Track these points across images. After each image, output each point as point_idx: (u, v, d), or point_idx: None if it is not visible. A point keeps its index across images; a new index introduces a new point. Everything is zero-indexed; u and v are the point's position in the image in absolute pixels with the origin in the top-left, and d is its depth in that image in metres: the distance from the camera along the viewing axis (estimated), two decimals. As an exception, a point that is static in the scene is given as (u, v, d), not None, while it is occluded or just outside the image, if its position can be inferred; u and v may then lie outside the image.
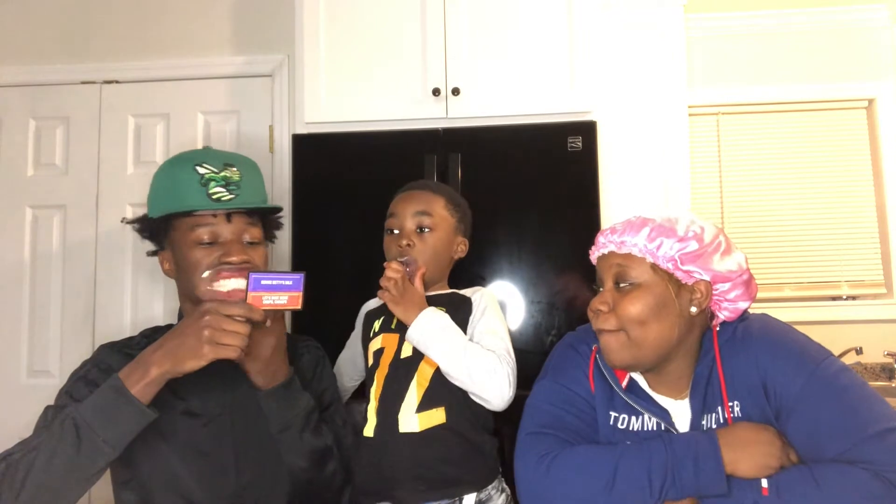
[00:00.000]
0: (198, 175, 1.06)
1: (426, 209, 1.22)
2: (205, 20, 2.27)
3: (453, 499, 1.11)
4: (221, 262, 1.05)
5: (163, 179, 1.10)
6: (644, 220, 0.99)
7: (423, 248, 1.21)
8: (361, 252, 1.70)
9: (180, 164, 1.09)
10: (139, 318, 2.15)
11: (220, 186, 1.06)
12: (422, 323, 1.12)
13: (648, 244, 0.97)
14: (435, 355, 1.11)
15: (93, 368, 1.05)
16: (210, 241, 1.05)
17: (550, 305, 1.66)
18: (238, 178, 1.09)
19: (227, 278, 1.04)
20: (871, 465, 0.84)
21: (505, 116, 1.76)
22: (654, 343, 0.96)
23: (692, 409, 0.98)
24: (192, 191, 1.05)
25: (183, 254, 1.06)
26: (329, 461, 1.10)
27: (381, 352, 1.20)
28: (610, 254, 1.01)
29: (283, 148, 2.16)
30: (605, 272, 1.01)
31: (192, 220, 1.05)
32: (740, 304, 1.00)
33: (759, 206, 2.35)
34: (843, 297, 2.32)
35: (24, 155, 2.23)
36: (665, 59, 1.88)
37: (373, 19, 1.82)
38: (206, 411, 1.06)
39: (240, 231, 1.08)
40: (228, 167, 1.09)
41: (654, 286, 0.96)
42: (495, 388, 1.10)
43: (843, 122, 2.37)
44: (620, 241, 0.99)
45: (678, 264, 0.96)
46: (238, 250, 1.06)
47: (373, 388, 1.18)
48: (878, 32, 2.33)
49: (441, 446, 1.11)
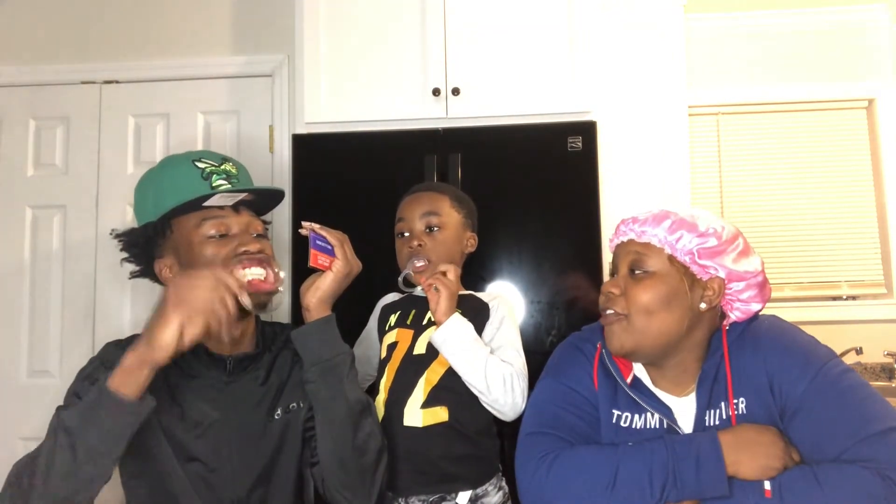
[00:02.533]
0: (198, 169, 1.05)
1: (433, 209, 1.26)
2: (205, 20, 2.27)
3: (449, 494, 1.13)
4: (237, 252, 1.03)
5: (161, 178, 1.08)
6: (667, 213, 1.00)
7: (434, 245, 1.24)
8: (361, 252, 1.68)
9: (175, 162, 1.08)
10: (139, 317, 2.15)
11: (223, 179, 1.05)
12: (451, 328, 1.14)
13: (669, 235, 0.98)
14: (457, 363, 1.13)
15: (99, 367, 1.04)
16: (223, 233, 1.04)
17: (550, 305, 1.66)
18: (237, 172, 1.09)
19: (247, 267, 1.03)
20: (872, 463, 0.84)
21: (505, 116, 1.76)
22: (657, 333, 0.96)
23: (697, 403, 0.98)
24: (197, 184, 1.03)
25: (193, 252, 1.04)
26: (367, 417, 1.07)
27: (395, 346, 1.23)
28: (629, 241, 1.02)
29: (283, 148, 2.16)
30: (622, 259, 1.02)
31: (200, 215, 1.04)
32: (753, 305, 1.00)
33: (759, 206, 2.35)
34: (843, 297, 2.32)
35: (24, 155, 2.23)
36: (665, 59, 1.88)
37: (373, 19, 1.82)
38: (201, 418, 1.05)
39: (248, 223, 1.08)
40: (227, 161, 1.09)
41: (668, 277, 0.97)
42: (509, 401, 1.12)
43: (843, 122, 2.37)
44: (641, 230, 1.00)
45: (695, 258, 0.97)
46: (252, 240, 1.06)
47: (383, 381, 1.20)
48: (878, 32, 2.34)
49: (441, 444, 1.14)
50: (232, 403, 1.07)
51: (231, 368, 1.08)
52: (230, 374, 1.08)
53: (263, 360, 1.13)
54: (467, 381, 1.13)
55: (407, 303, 1.30)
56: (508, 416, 1.15)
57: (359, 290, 1.42)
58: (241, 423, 1.07)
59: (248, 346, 1.11)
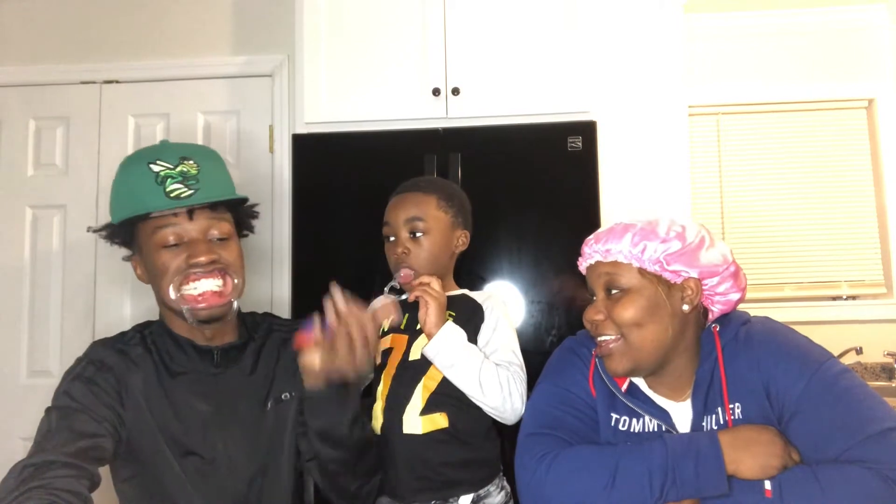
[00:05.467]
0: (152, 173, 1.00)
1: (417, 214, 1.21)
2: (205, 20, 2.27)
3: (451, 499, 1.12)
4: (189, 264, 1.00)
5: (119, 182, 1.05)
6: (626, 226, 1.00)
7: (419, 252, 1.20)
8: (361, 252, 1.70)
9: (134, 163, 1.04)
10: (139, 317, 2.14)
11: (178, 183, 1.00)
12: (442, 340, 1.12)
13: (633, 249, 0.97)
14: (452, 375, 1.12)
15: (88, 366, 1.02)
16: (175, 242, 1.00)
17: (550, 305, 1.66)
18: (196, 172, 1.02)
19: (198, 279, 1.00)
20: (872, 463, 0.84)
21: (505, 116, 1.76)
22: (651, 345, 0.96)
23: (693, 410, 0.98)
24: (149, 191, 0.99)
25: (150, 259, 1.02)
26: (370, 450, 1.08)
27: (390, 352, 1.21)
28: (597, 263, 1.02)
29: (283, 148, 2.15)
30: (595, 282, 1.02)
31: (154, 223, 1.00)
32: (731, 296, 1.01)
33: (760, 206, 2.35)
34: (843, 297, 2.32)
35: (24, 155, 2.23)
36: (665, 59, 1.88)
37: (373, 19, 1.82)
38: (192, 411, 1.04)
39: (205, 228, 1.02)
40: (185, 161, 1.02)
41: (643, 290, 0.97)
42: (508, 406, 1.12)
43: (843, 122, 2.37)
44: (605, 249, 1.00)
45: (664, 265, 0.96)
46: (205, 249, 1.01)
47: (380, 388, 1.19)
48: (878, 32, 2.34)
49: (442, 450, 1.13)
50: (223, 395, 1.07)
51: (218, 360, 1.07)
52: (217, 366, 1.07)
53: (249, 350, 1.12)
54: (464, 391, 1.13)
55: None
56: (509, 420, 1.14)
57: (359, 291, 1.42)
58: (233, 415, 1.06)
59: (232, 335, 1.11)
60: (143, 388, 1.03)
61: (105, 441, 0.95)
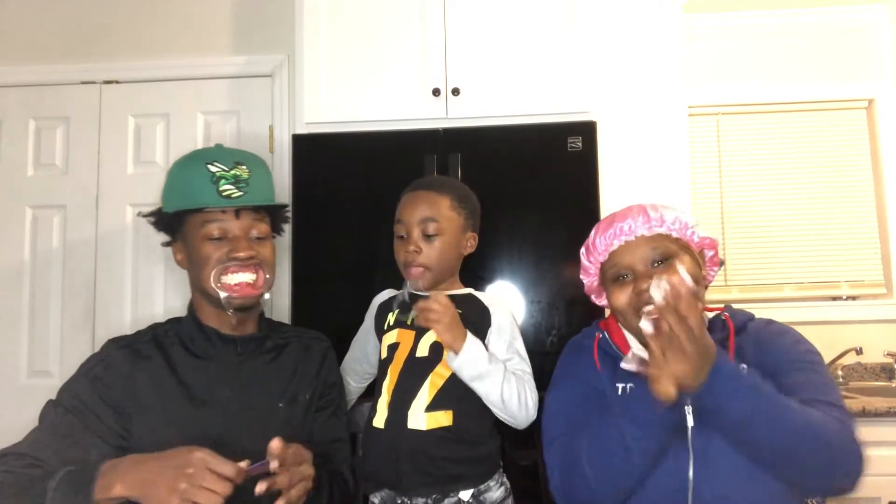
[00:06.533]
0: (209, 173, 1.11)
1: (431, 214, 1.23)
2: (205, 20, 2.27)
3: (451, 493, 1.15)
4: (230, 257, 1.10)
5: (176, 176, 1.15)
6: (646, 206, 1.06)
7: (430, 252, 1.22)
8: (361, 251, 1.70)
9: (193, 162, 1.14)
10: (139, 317, 2.15)
11: (230, 184, 1.11)
12: (466, 356, 1.13)
13: (681, 218, 1.04)
14: (476, 386, 1.15)
15: (97, 365, 1.08)
16: (219, 236, 1.11)
17: (550, 305, 1.66)
18: (247, 176, 1.13)
19: (235, 272, 1.10)
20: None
21: (505, 116, 1.76)
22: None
23: None
24: (204, 188, 1.10)
25: (194, 248, 1.12)
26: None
27: (396, 346, 1.23)
28: (637, 240, 1.04)
29: (283, 148, 2.15)
30: (634, 254, 1.04)
31: (203, 217, 1.10)
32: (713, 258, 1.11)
33: (760, 207, 2.35)
34: (843, 297, 2.31)
35: (24, 155, 2.23)
36: (665, 59, 1.88)
37: (373, 19, 1.82)
38: (213, 397, 1.09)
39: (248, 227, 1.13)
40: (238, 165, 1.14)
41: (687, 255, 1.03)
42: (523, 415, 1.17)
43: (843, 122, 2.37)
44: (659, 216, 1.03)
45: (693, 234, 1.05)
46: (245, 246, 1.11)
47: (386, 382, 1.21)
48: (878, 32, 2.33)
49: (445, 447, 1.15)
50: (245, 382, 1.13)
51: (241, 349, 1.15)
52: (240, 354, 1.15)
53: (268, 344, 1.20)
54: (485, 400, 1.16)
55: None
56: (521, 426, 1.19)
57: (359, 290, 1.42)
58: (251, 402, 1.11)
59: (253, 328, 1.20)
60: (151, 381, 1.08)
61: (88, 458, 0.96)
